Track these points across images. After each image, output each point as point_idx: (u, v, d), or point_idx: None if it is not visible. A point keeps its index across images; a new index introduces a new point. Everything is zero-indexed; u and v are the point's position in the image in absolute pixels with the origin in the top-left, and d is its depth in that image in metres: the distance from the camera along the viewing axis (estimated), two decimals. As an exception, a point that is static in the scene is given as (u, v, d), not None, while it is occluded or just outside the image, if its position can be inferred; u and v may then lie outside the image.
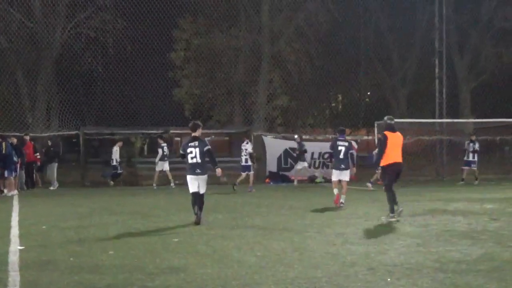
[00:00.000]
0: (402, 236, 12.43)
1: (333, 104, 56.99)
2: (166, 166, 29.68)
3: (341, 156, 19.29)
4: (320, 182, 31.56)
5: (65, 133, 32.92)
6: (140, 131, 36.97)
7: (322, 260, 9.94)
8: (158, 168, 29.77)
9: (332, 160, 20.59)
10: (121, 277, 8.88)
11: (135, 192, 27.05)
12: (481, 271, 9.01)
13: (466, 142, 30.90)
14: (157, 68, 36.15)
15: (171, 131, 33.76)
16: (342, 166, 19.30)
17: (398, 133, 15.65)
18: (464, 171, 30.45)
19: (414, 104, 42.66)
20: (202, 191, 15.18)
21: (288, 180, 31.69)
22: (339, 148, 19.37)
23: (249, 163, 27.33)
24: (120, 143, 31.29)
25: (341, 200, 19.04)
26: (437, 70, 34.53)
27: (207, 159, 15.18)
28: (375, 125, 32.99)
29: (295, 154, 32.19)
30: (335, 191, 19.26)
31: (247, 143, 27.86)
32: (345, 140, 19.76)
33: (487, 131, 33.25)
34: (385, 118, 16.03)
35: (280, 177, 32.06)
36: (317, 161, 33.08)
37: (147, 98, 38.17)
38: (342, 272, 9.08)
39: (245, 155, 27.27)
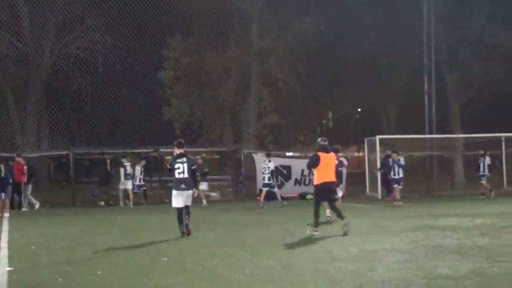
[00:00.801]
0: (392, 252, 12.42)
1: (323, 121, 57.14)
2: (129, 185, 29.79)
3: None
4: (311, 199, 31.51)
5: (55, 153, 32.90)
6: (130, 150, 36.91)
7: (311, 278, 9.93)
8: (121, 187, 29.88)
9: None
10: (109, 297, 8.87)
11: (124, 211, 26.96)
12: (468, 287, 9.01)
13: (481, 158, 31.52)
14: (147, 87, 36.18)
15: (161, 150, 33.68)
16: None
17: (331, 154, 16.49)
18: (482, 185, 31.16)
19: (404, 120, 42.72)
20: (188, 203, 15.89)
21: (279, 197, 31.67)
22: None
23: (272, 181, 28.29)
24: (143, 162, 31.31)
25: (328, 215, 19.34)
26: (426, 85, 34.63)
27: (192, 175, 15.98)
28: (365, 141, 33.09)
29: (285, 171, 32.26)
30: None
31: (269, 161, 28.61)
32: (336, 159, 19.40)
33: (476, 146, 33.31)
34: (319, 139, 16.83)
35: (270, 195, 32.00)
36: (307, 178, 33.03)
37: (137, 117, 38.18)
38: (331, 289, 9.09)
39: (268, 173, 28.21)
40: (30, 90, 33.35)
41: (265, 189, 28.50)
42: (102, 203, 30.57)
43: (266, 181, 28.46)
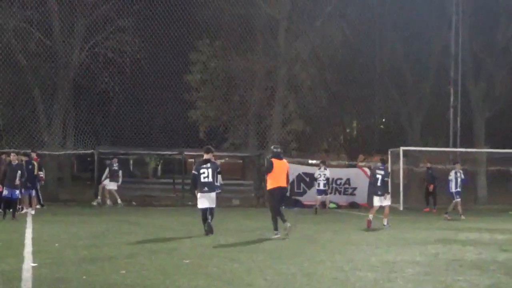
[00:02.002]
0: (412, 264, 12.47)
1: (347, 130, 57.05)
2: (113, 185, 30.17)
3: (378, 183, 21.23)
4: (334, 207, 31.65)
5: (80, 151, 33.21)
6: (154, 152, 37.17)
7: (331, 286, 10.01)
8: (107, 187, 30.14)
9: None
10: (133, 297, 9.01)
11: (147, 212, 27.19)
12: (488, 302, 9.10)
13: None
14: (173, 89, 36.36)
15: (185, 153, 33.88)
16: (379, 192, 21.23)
17: (284, 161, 17.52)
18: None
19: (429, 132, 42.62)
20: (212, 205, 17.32)
21: (301, 204, 31.74)
22: (377, 176, 21.36)
23: (327, 187, 29.44)
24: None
25: (384, 223, 21.06)
26: (452, 98, 34.62)
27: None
28: (389, 152, 33.08)
29: (307, 179, 32.39)
30: (371, 216, 20.93)
31: (325, 168, 29.62)
32: (383, 169, 21.59)
33: (500, 162, 33.25)
34: (272, 147, 18.29)
35: (292, 202, 32.11)
36: (330, 187, 33.11)
37: (162, 119, 38.40)
38: (350, 298, 9.18)
39: (324, 180, 29.17)
40: (57, 88, 33.59)
41: (320, 197, 29.38)
42: (95, 203, 30.63)
43: (322, 187, 29.22)
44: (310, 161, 36.95)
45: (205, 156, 17.62)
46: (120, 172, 31.08)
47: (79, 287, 9.63)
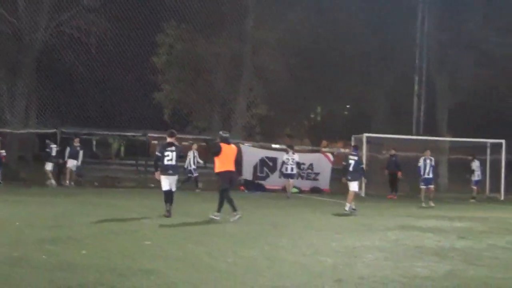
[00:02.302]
0: (372, 249, 12.60)
1: (311, 116, 57.24)
2: (50, 166, 30.04)
3: (351, 168, 21.56)
4: (296, 192, 31.75)
5: (42, 131, 32.94)
6: (118, 133, 36.98)
7: (292, 270, 10.09)
8: (45, 167, 30.03)
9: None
10: (92, 277, 8.98)
11: (110, 193, 27.07)
12: (445, 288, 9.22)
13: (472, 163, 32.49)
14: (139, 71, 36.18)
15: (149, 135, 33.78)
16: (349, 177, 21.61)
17: (232, 145, 17.97)
18: (474, 190, 31.98)
19: (393, 120, 42.88)
20: (174, 189, 17.81)
21: (263, 189, 31.82)
22: (350, 161, 21.68)
23: (295, 171, 29.60)
24: (195, 146, 31.57)
25: (346, 208, 21.23)
26: (416, 86, 34.89)
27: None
28: (352, 138, 33.29)
29: (271, 163, 32.49)
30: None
31: (293, 153, 29.94)
32: (356, 155, 22.04)
33: (462, 151, 33.62)
34: (220, 132, 18.46)
35: (255, 186, 32.18)
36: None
37: (127, 100, 38.17)
38: (310, 282, 9.22)
39: (292, 164, 29.40)
40: (21, 66, 33.25)
41: (291, 180, 29.70)
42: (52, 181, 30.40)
43: (289, 171, 29.45)
44: (273, 146, 36.93)
45: (168, 140, 18.00)
46: (81, 152, 30.83)
47: (38, 267, 9.59)
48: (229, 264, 10.38)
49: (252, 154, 33.45)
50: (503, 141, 33.21)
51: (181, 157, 18.32)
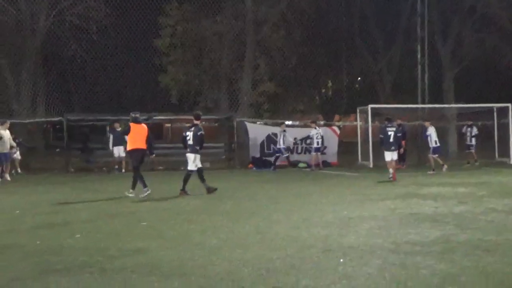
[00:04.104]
0: (367, 219, 12.61)
1: (323, 90, 57.19)
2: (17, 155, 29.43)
3: (391, 140, 23.26)
4: (303, 167, 31.77)
5: (49, 119, 33.09)
6: (125, 117, 36.99)
7: (282, 243, 10.14)
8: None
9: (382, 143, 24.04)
10: (81, 259, 9.08)
11: (114, 178, 27.09)
12: (433, 252, 9.21)
13: (464, 127, 33.00)
14: (143, 54, 36.23)
15: (155, 117, 33.78)
16: (392, 148, 23.32)
17: (142, 125, 19.03)
18: (469, 154, 32.50)
19: (399, 90, 42.81)
20: (189, 167, 18.78)
21: (270, 165, 31.80)
22: (389, 133, 23.29)
23: (321, 145, 31.15)
24: (283, 126, 31.96)
25: (390, 175, 23.01)
26: (419, 56, 34.75)
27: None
28: (357, 110, 33.28)
29: (277, 140, 32.52)
30: (391, 170, 23.07)
31: (318, 128, 31.42)
32: (393, 126, 23.70)
33: (470, 117, 33.47)
34: (131, 113, 19.40)
35: (262, 163, 32.19)
36: (299, 147, 33.29)
37: (133, 84, 38.26)
38: (298, 254, 9.27)
39: (318, 139, 30.82)
40: (25, 56, 33.35)
41: (316, 153, 31.03)
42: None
43: (316, 145, 30.90)
44: (286, 122, 36.90)
45: (194, 121, 19.04)
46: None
47: (30, 252, 9.69)
48: (220, 240, 10.45)
49: (259, 131, 33.45)
50: (509, 105, 32.99)
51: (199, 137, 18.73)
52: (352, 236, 10.70)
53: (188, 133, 18.80)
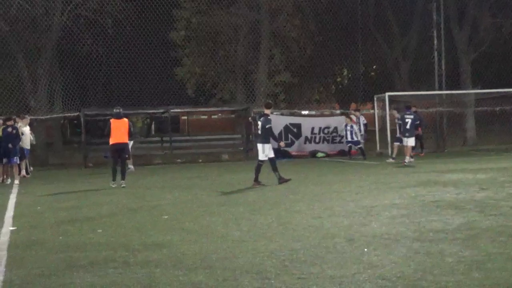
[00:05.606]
0: (389, 207, 12.58)
1: (338, 79, 57.00)
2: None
3: (408, 126, 24.60)
4: (322, 156, 31.72)
5: (66, 115, 33.19)
6: (141, 111, 37.08)
7: (305, 233, 10.14)
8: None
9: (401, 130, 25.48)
10: (105, 254, 9.10)
11: (136, 172, 26.99)
12: (457, 239, 9.17)
13: None
14: (158, 48, 36.18)
15: (172, 110, 33.79)
16: (407, 134, 24.62)
17: (123, 119, 19.70)
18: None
19: (416, 77, 42.57)
20: (260, 157, 18.76)
21: (289, 155, 31.72)
22: (406, 120, 24.71)
23: (358, 138, 30.63)
24: (347, 120, 31.44)
25: (406, 160, 24.31)
26: (435, 42, 34.56)
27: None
28: (374, 98, 33.13)
29: (295, 130, 32.45)
30: (407, 157, 24.51)
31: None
32: (411, 114, 25.03)
33: (488, 102, 33.30)
34: (114, 108, 20.15)
35: (281, 153, 32.08)
36: (318, 136, 33.16)
37: (149, 77, 38.22)
38: (321, 243, 9.26)
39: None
40: (41, 52, 33.41)
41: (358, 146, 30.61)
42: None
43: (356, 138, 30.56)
44: (302, 112, 36.88)
45: (265, 111, 19.07)
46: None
47: (54, 248, 9.72)
48: (243, 232, 10.45)
49: (276, 122, 33.32)
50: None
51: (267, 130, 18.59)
52: (375, 224, 10.68)
53: (258, 122, 19.00)
